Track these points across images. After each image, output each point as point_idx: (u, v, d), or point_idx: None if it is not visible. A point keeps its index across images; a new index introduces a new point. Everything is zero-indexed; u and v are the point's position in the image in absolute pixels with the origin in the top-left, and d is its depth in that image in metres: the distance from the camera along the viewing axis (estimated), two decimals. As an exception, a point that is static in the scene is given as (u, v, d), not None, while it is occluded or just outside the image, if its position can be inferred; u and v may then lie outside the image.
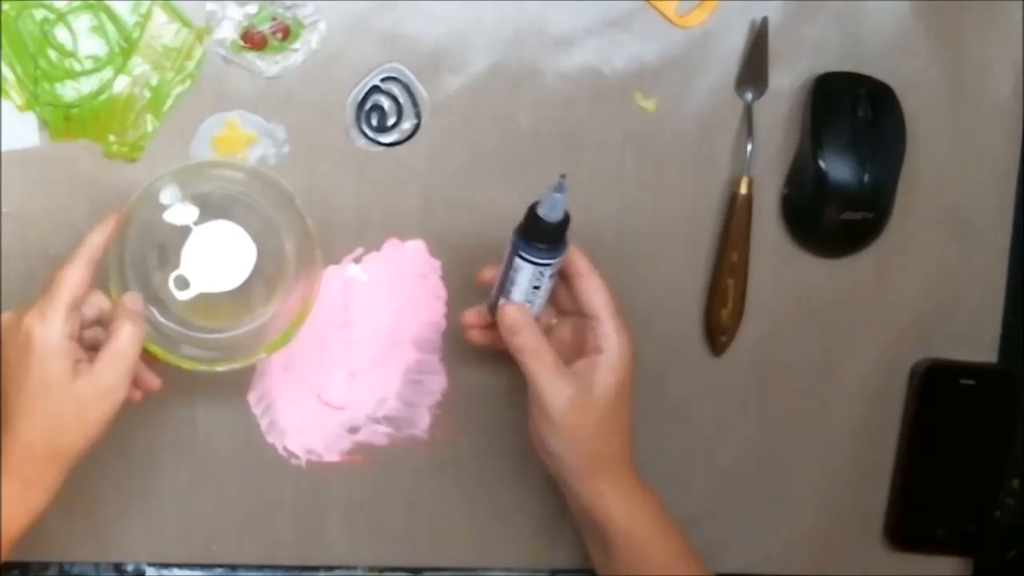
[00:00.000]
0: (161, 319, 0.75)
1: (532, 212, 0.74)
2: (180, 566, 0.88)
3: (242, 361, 0.78)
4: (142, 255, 0.75)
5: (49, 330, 0.71)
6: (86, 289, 0.73)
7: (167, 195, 0.74)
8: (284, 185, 0.78)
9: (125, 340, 0.72)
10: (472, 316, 0.81)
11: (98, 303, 0.74)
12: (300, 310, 0.78)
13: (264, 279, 0.76)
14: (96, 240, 0.73)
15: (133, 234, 0.75)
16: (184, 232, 0.74)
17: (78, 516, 0.85)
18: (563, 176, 0.73)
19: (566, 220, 0.74)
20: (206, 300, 0.75)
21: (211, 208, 0.75)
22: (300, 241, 0.77)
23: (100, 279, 0.74)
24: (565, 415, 0.76)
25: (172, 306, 0.75)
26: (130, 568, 0.87)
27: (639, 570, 0.78)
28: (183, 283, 0.74)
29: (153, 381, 0.77)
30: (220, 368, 0.78)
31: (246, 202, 0.76)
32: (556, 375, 0.76)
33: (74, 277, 0.72)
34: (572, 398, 0.76)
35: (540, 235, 0.74)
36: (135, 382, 0.74)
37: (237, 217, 0.75)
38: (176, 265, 0.74)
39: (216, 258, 0.74)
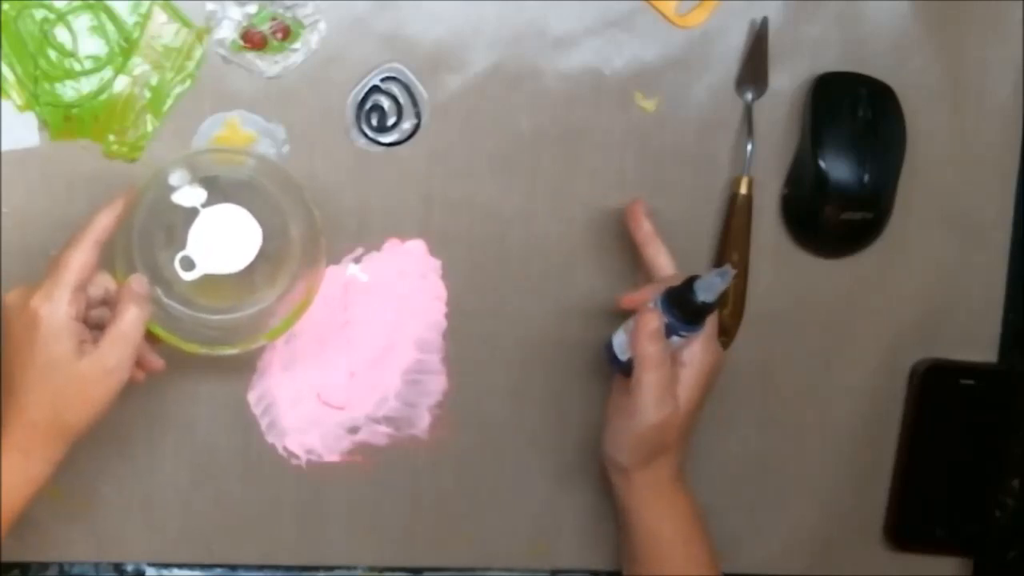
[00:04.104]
0: (166, 299, 0.76)
1: (689, 288, 0.75)
2: (180, 566, 0.88)
3: (243, 346, 0.78)
4: (149, 235, 0.76)
5: (55, 310, 0.71)
6: (92, 270, 0.73)
7: (176, 177, 0.75)
8: (293, 176, 0.78)
9: (129, 322, 0.72)
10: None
11: (104, 284, 0.75)
12: (303, 299, 0.78)
13: (269, 263, 0.76)
14: (104, 222, 0.73)
15: (141, 214, 0.75)
16: (191, 214, 0.74)
17: (78, 516, 0.85)
18: (733, 268, 0.74)
19: (714, 305, 0.76)
20: (211, 281, 0.75)
21: (219, 191, 0.75)
22: (306, 230, 0.77)
23: (106, 259, 0.74)
24: (654, 429, 0.78)
25: (177, 286, 0.75)
26: (130, 568, 0.87)
27: (657, 571, 0.79)
28: (189, 264, 0.74)
29: (156, 362, 0.77)
30: (221, 352, 0.78)
31: (254, 188, 0.77)
32: (666, 392, 0.78)
33: (80, 258, 0.72)
34: (667, 418, 0.78)
35: (687, 310, 0.76)
36: (139, 363, 0.75)
37: (244, 202, 0.75)
38: (182, 246, 0.74)
39: (222, 240, 0.74)
